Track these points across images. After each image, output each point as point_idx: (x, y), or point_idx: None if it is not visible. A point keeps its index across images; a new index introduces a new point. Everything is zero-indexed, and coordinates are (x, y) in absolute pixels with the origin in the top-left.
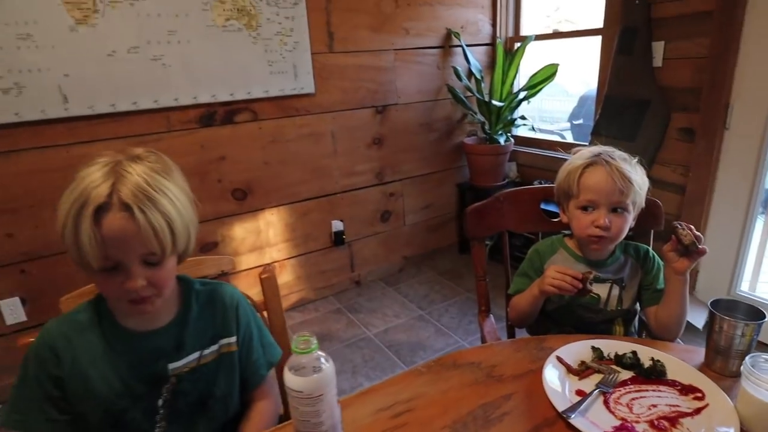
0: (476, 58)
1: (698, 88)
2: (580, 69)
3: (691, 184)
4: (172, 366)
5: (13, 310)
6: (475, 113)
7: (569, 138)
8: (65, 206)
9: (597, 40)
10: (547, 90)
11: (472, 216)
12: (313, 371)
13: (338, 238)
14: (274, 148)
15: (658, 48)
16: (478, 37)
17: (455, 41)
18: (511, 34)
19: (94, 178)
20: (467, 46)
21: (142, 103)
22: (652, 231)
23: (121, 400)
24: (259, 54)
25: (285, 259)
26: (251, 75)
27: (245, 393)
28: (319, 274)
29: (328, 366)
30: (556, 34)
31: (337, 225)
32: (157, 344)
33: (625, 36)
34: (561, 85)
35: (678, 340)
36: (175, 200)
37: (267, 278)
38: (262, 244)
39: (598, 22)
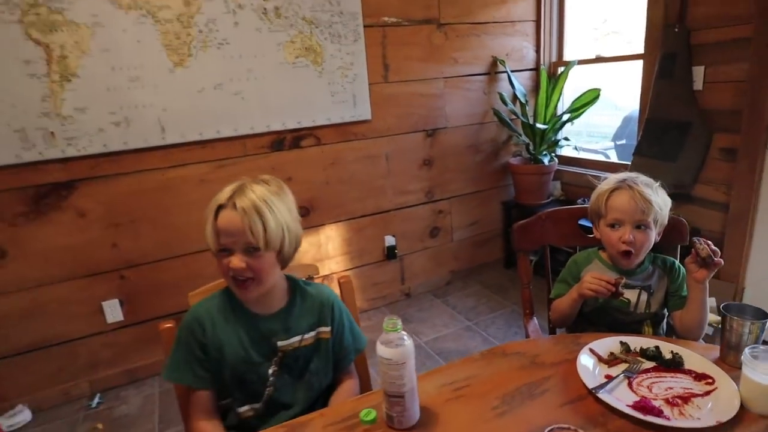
0: (521, 83)
1: (739, 110)
2: (629, 84)
3: (734, 202)
4: (280, 343)
5: (113, 311)
6: (520, 135)
7: (613, 158)
8: (206, 213)
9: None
10: (596, 104)
11: (518, 232)
12: (398, 345)
13: (390, 253)
14: (335, 170)
15: (698, 72)
16: (523, 63)
17: (501, 68)
18: (554, 59)
19: (225, 191)
20: (512, 71)
21: (224, 132)
22: (679, 245)
23: (243, 365)
24: (323, 86)
25: (342, 271)
26: (316, 105)
27: (336, 372)
28: (373, 285)
29: (408, 342)
30: (599, 59)
31: (389, 240)
32: (270, 326)
33: (665, 61)
34: (610, 98)
35: (701, 340)
36: (276, 211)
37: (345, 282)
38: (322, 257)
39: (641, 43)
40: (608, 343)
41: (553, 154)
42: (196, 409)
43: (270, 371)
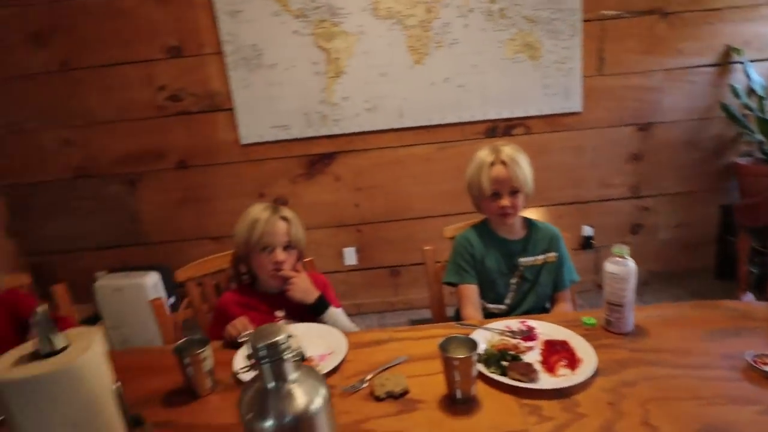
0: (760, 74)
1: None
2: None
3: None
4: (521, 260)
5: (350, 256)
6: (753, 132)
7: None
8: (472, 171)
9: None
10: None
11: (742, 209)
12: (624, 264)
13: (587, 242)
14: (540, 158)
15: None
16: (766, 52)
17: (735, 57)
18: None
19: (484, 152)
20: (750, 61)
21: (447, 119)
22: None
23: (496, 273)
24: (537, 79)
25: None
26: (529, 97)
27: (555, 292)
28: None
29: (632, 264)
30: None
31: (587, 230)
32: (514, 247)
33: None
34: None
35: None
36: (525, 163)
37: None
38: None
39: None
40: None
41: None
42: (467, 300)
43: (513, 280)
